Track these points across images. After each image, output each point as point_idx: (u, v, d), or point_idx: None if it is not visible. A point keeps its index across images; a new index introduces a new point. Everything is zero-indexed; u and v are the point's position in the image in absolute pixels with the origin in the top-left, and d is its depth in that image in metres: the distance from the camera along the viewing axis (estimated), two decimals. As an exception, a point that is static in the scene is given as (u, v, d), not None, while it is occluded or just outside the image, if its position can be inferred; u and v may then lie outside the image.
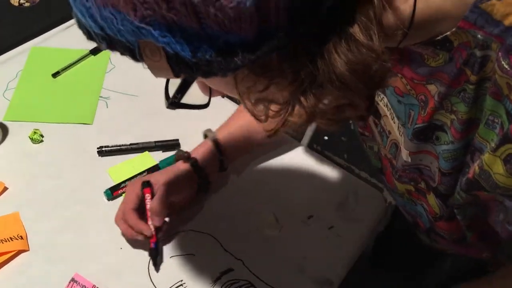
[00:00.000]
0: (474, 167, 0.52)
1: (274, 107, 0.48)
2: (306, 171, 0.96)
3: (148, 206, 0.80)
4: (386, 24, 0.45)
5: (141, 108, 1.03)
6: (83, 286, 0.77)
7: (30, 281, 0.78)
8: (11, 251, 0.80)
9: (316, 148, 2.09)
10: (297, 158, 0.98)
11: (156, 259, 0.80)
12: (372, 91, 0.48)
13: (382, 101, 0.64)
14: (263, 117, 0.49)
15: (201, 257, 0.83)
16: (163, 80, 1.01)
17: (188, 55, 0.40)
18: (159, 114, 1.02)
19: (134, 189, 0.81)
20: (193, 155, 0.86)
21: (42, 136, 0.96)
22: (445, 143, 0.55)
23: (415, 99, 0.56)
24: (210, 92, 0.54)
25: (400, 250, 0.97)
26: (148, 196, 0.81)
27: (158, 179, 0.82)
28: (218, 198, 0.91)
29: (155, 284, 0.79)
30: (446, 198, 0.61)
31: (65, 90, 1.05)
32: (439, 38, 0.47)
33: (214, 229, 0.86)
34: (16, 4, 1.19)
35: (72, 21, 1.17)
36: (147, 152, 0.96)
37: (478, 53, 0.46)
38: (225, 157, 0.89)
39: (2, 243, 0.80)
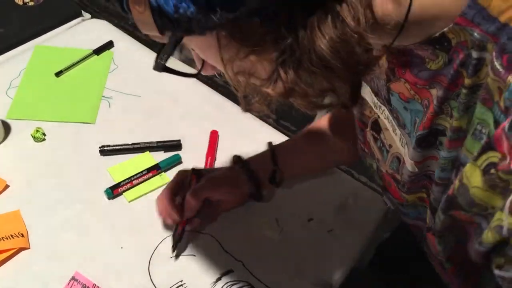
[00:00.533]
0: (455, 182, 0.48)
1: (253, 80, 0.48)
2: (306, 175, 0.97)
3: (187, 193, 0.81)
4: (381, 12, 0.44)
5: (143, 108, 1.04)
6: (83, 284, 0.77)
7: (31, 279, 0.78)
8: (12, 249, 0.80)
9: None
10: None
11: (176, 244, 0.81)
12: (355, 76, 0.47)
13: (383, 114, 0.62)
14: (242, 89, 0.49)
15: (201, 258, 0.83)
16: (166, 81, 1.02)
17: (170, 10, 0.41)
18: (161, 115, 1.03)
19: (183, 174, 0.83)
20: (248, 161, 0.86)
21: (44, 134, 0.96)
22: (443, 149, 0.54)
23: (420, 104, 0.54)
24: (203, 64, 0.55)
25: (402, 256, 0.97)
26: (193, 183, 0.82)
27: (207, 175, 0.84)
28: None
29: (155, 284, 0.79)
30: (435, 210, 0.58)
31: (68, 89, 1.05)
32: (436, 35, 0.46)
33: (215, 230, 0.86)
34: (21, 3, 1.20)
35: (76, 20, 1.19)
36: (148, 152, 0.96)
37: (474, 54, 0.45)
38: (278, 168, 0.86)
39: (3, 240, 0.81)
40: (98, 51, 1.12)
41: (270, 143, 0.89)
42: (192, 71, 0.57)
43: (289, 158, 0.88)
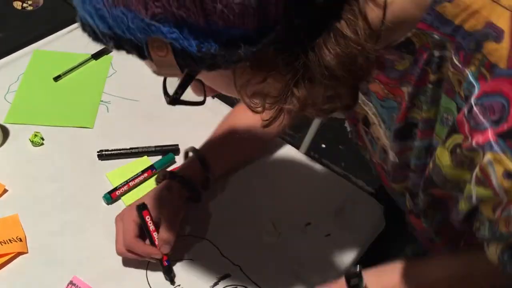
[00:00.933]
0: (429, 164, 0.56)
1: (269, 100, 0.51)
2: (304, 179, 0.97)
3: (151, 228, 0.79)
4: (373, 19, 0.48)
5: (141, 113, 1.04)
6: (81, 289, 0.77)
7: (29, 283, 0.78)
8: (9, 253, 0.80)
9: (313, 156, 2.10)
10: (295, 165, 0.99)
11: (171, 275, 0.80)
12: (358, 81, 0.51)
13: (371, 110, 0.66)
14: (260, 109, 0.52)
15: (199, 263, 0.83)
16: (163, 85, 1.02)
17: (194, 50, 0.43)
18: (159, 119, 1.03)
19: (129, 217, 0.79)
20: (179, 173, 0.85)
21: (42, 139, 0.96)
22: (416, 139, 0.59)
23: (394, 101, 0.59)
24: (205, 91, 0.57)
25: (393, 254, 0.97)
26: (148, 218, 0.79)
27: (156, 204, 0.80)
28: (217, 204, 0.91)
29: (152, 288, 0.80)
30: (414, 195, 0.66)
31: (66, 94, 1.05)
32: (402, 39, 0.51)
33: (213, 235, 0.87)
34: (19, 7, 1.20)
35: (75, 25, 1.19)
36: (145, 156, 0.96)
37: (436, 53, 0.51)
38: (211, 174, 0.88)
39: (1, 245, 0.81)
40: (96, 55, 1.13)
41: (195, 150, 0.89)
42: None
43: (217, 160, 0.89)
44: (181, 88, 0.51)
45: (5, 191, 0.88)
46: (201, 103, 0.58)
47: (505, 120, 0.44)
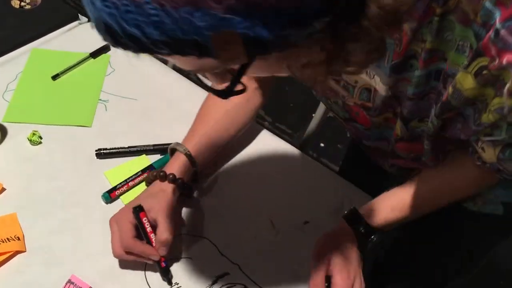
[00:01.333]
0: (448, 89, 0.59)
1: (319, 68, 0.50)
2: (302, 177, 0.97)
3: (148, 229, 0.79)
4: None
5: (139, 112, 1.04)
6: (79, 287, 0.77)
7: (27, 282, 0.78)
8: (8, 252, 0.80)
9: (312, 155, 2.10)
10: (294, 164, 1.00)
11: (169, 276, 0.80)
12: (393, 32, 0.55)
13: None
14: (311, 81, 0.52)
15: (197, 261, 0.84)
16: (161, 84, 1.03)
17: (265, 35, 0.41)
18: (157, 118, 1.03)
19: (126, 219, 0.80)
20: (168, 171, 0.85)
21: (40, 137, 0.96)
22: (416, 69, 0.62)
23: (391, 39, 0.61)
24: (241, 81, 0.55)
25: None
26: (145, 219, 0.79)
27: (151, 205, 0.81)
28: (215, 203, 0.91)
29: (151, 287, 0.80)
30: (407, 121, 0.69)
31: (65, 93, 1.05)
32: None
33: (211, 234, 0.87)
34: (17, 6, 1.20)
35: (73, 24, 1.20)
36: (144, 155, 0.96)
37: None
38: (198, 167, 0.88)
39: (0, 243, 0.81)
40: (94, 54, 1.13)
41: (180, 146, 0.88)
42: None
43: (202, 152, 0.89)
44: (238, 78, 0.49)
45: (3, 189, 0.88)
46: (243, 91, 0.55)
47: None
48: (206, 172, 0.94)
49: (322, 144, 2.11)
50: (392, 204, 0.80)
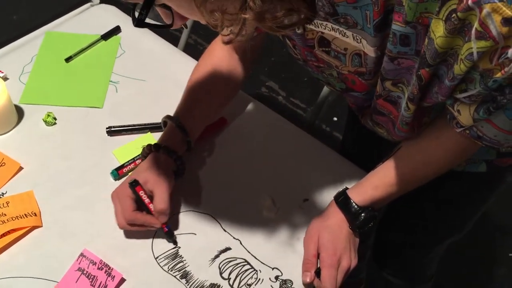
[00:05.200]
0: (425, 40, 0.60)
1: (227, 16, 0.55)
2: (303, 156, 1.01)
3: (146, 201, 0.84)
4: None
5: (149, 93, 1.08)
6: (91, 260, 0.83)
7: (44, 255, 0.84)
8: (26, 227, 0.86)
9: (325, 129, 2.13)
10: (294, 142, 1.03)
11: (173, 238, 0.87)
12: None
13: (326, 28, 0.70)
14: (219, 26, 0.56)
15: (201, 236, 0.89)
16: (170, 66, 1.07)
17: None
18: (167, 99, 1.07)
19: (125, 194, 0.84)
20: (162, 143, 0.89)
21: (55, 119, 1.01)
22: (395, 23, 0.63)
23: None
24: (173, 17, 0.61)
25: None
26: (142, 193, 0.84)
27: (146, 178, 0.85)
28: (218, 181, 0.96)
29: (157, 260, 0.85)
30: (383, 80, 0.72)
31: (77, 75, 1.10)
32: None
33: (214, 210, 0.92)
34: (31, -10, 1.24)
35: (85, 6, 1.23)
36: (149, 133, 1.01)
37: None
38: (191, 138, 0.92)
39: (18, 219, 0.87)
40: (105, 36, 1.16)
41: (171, 118, 0.92)
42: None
43: (193, 122, 0.92)
44: (144, 9, 0.56)
45: (21, 168, 0.94)
46: (169, 26, 0.62)
47: None
48: (206, 148, 0.98)
49: (335, 118, 2.13)
50: (376, 182, 0.83)
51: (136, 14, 0.58)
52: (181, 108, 0.94)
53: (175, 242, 0.87)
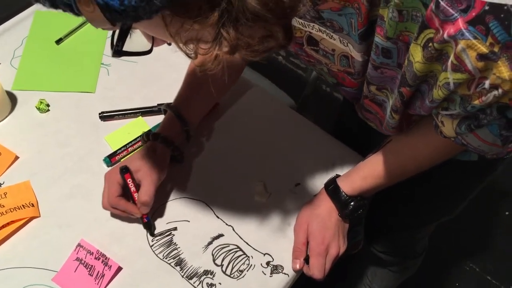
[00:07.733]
0: (405, 60, 0.60)
1: (203, 45, 0.54)
2: (295, 138, 1.01)
3: (132, 189, 0.86)
4: None
5: (141, 75, 1.08)
6: (88, 250, 0.86)
7: (42, 245, 0.87)
8: (23, 218, 0.89)
9: (325, 89, 2.11)
10: (286, 125, 1.03)
11: (151, 229, 0.88)
12: (285, 20, 0.53)
13: (314, 29, 0.71)
14: (193, 55, 0.55)
15: (194, 223, 0.91)
16: (162, 48, 1.06)
17: (116, 4, 0.46)
18: (158, 80, 1.07)
19: (114, 178, 0.86)
20: (161, 133, 0.90)
21: (48, 105, 1.02)
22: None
23: (352, 8, 0.63)
24: (153, 40, 0.61)
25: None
26: (130, 180, 0.86)
27: (139, 167, 0.86)
28: (211, 167, 0.97)
29: (152, 249, 0.88)
30: (368, 84, 0.74)
31: (69, 58, 1.09)
32: None
33: (207, 197, 0.93)
34: (18, -33, 1.21)
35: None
36: (140, 117, 1.01)
37: None
38: (190, 127, 0.93)
39: (16, 210, 0.89)
40: (96, 15, 1.14)
41: (170, 107, 0.93)
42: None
43: (192, 112, 0.93)
44: (120, 40, 0.55)
45: (17, 158, 0.96)
46: (148, 52, 0.62)
47: (472, 7, 0.49)
48: (199, 133, 0.99)
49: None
50: (365, 173, 0.85)
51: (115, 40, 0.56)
52: (181, 96, 0.94)
53: (152, 234, 0.89)
